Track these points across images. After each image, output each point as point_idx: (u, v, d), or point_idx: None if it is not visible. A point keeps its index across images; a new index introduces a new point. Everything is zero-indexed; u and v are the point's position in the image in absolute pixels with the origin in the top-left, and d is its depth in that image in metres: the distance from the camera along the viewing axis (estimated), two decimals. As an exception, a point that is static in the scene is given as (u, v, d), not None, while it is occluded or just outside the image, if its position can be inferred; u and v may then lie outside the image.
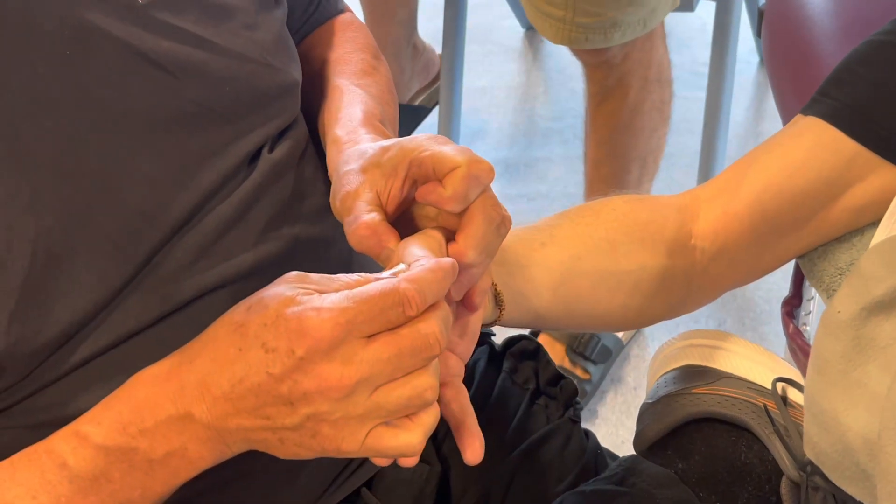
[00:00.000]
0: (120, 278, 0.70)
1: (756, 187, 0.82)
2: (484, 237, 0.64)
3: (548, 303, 0.79)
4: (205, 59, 0.75)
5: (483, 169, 0.63)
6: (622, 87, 1.67)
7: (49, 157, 0.67)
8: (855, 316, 0.72)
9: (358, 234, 0.64)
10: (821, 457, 0.74)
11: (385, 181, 0.66)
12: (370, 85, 0.87)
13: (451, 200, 0.63)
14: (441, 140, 0.65)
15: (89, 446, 0.63)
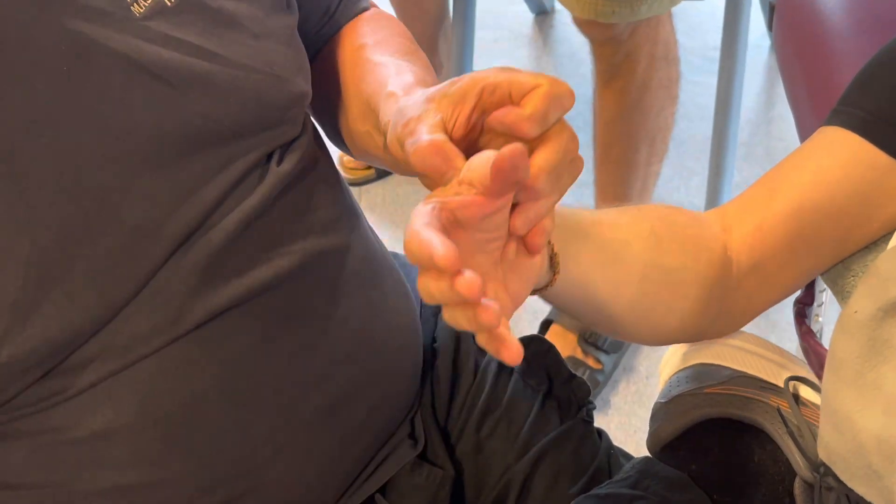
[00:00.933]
0: (120, 296, 0.70)
1: (792, 204, 0.80)
2: (558, 165, 0.59)
3: (599, 281, 0.75)
4: (208, 71, 0.74)
5: (564, 90, 0.58)
6: (630, 63, 1.67)
7: (47, 176, 0.67)
8: (871, 316, 0.72)
9: (421, 151, 0.59)
10: (833, 457, 0.74)
11: (453, 108, 0.61)
12: (414, 62, 0.83)
13: (530, 120, 0.58)
14: (514, 70, 0.61)
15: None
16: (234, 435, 0.75)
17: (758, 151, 2.28)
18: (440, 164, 0.59)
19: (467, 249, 0.58)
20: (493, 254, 0.61)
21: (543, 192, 0.59)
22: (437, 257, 0.50)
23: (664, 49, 1.69)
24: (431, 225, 0.53)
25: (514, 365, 0.54)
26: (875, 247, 0.82)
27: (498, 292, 0.61)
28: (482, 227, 0.58)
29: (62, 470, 0.72)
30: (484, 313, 0.51)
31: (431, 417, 0.91)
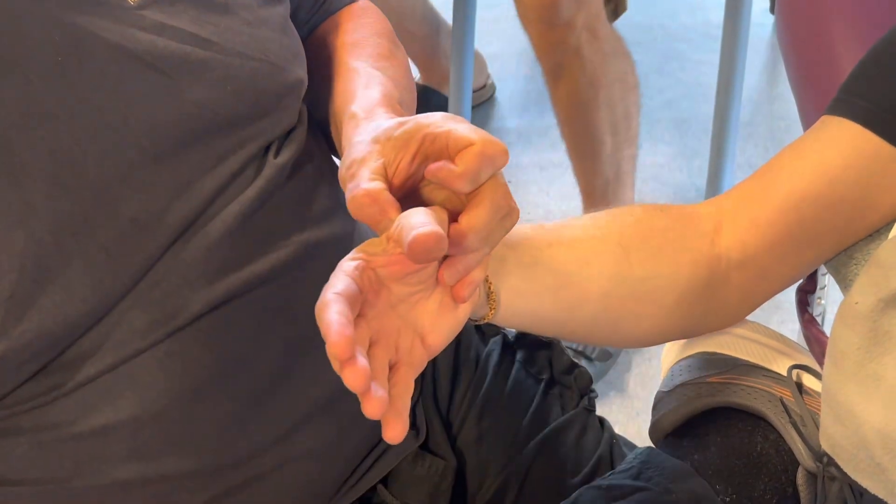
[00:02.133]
0: (115, 288, 0.69)
1: (792, 195, 0.80)
2: (488, 223, 0.61)
3: (549, 306, 0.76)
4: (203, 59, 0.73)
5: (497, 150, 0.60)
6: (578, 60, 1.68)
7: (43, 169, 0.67)
8: (872, 308, 0.71)
9: (357, 200, 0.60)
10: (836, 449, 0.74)
11: (395, 153, 0.62)
12: (388, 69, 0.84)
13: (462, 178, 0.59)
14: (458, 120, 0.63)
15: None
16: (233, 428, 0.75)
17: (760, 131, 2.27)
18: (374, 215, 0.60)
19: (388, 302, 0.61)
20: (416, 304, 0.63)
21: (472, 248, 0.61)
22: (330, 342, 0.53)
23: (612, 45, 1.70)
24: (346, 292, 0.56)
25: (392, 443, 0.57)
26: (878, 235, 0.81)
27: (413, 345, 0.63)
28: (406, 282, 0.61)
29: (62, 466, 0.72)
30: (368, 405, 0.54)
31: (433, 408, 0.91)
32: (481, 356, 0.96)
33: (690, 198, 2.13)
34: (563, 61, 1.67)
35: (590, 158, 1.78)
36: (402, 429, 0.56)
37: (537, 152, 2.29)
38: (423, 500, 0.86)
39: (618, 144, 1.78)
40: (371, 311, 0.59)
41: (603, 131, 1.75)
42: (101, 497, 0.73)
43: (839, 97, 0.82)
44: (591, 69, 1.68)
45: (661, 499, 0.79)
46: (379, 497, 0.86)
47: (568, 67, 1.68)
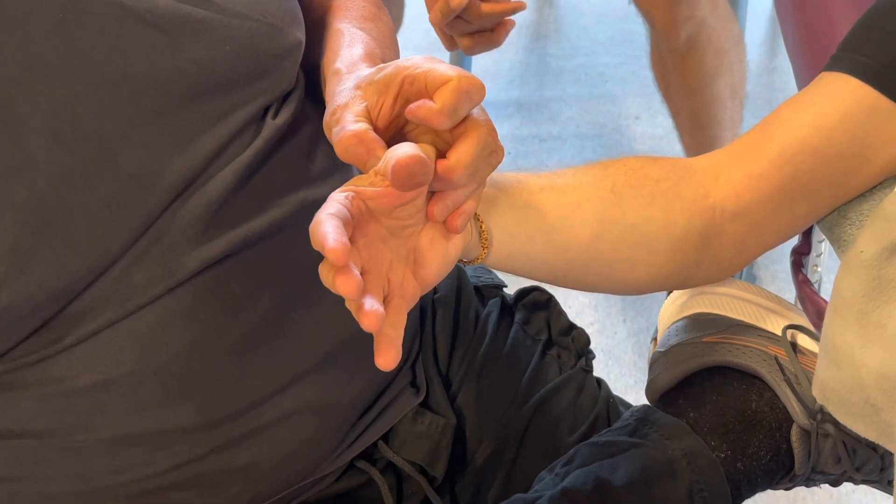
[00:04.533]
0: (117, 244, 0.70)
1: (788, 148, 0.80)
2: (475, 158, 0.62)
3: (541, 248, 0.76)
4: (203, 18, 0.74)
5: (474, 84, 0.60)
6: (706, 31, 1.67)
7: (44, 123, 0.67)
8: (877, 256, 0.72)
9: (344, 141, 0.62)
10: (827, 393, 0.74)
11: (377, 97, 0.64)
12: (371, 29, 0.86)
13: (440, 114, 0.60)
14: (437, 60, 0.63)
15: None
16: (232, 382, 0.76)
17: (759, 103, 2.27)
18: (362, 154, 0.62)
19: (378, 235, 0.62)
20: (407, 239, 0.64)
21: (460, 183, 0.62)
22: (327, 249, 0.53)
23: (724, 8, 1.69)
24: (339, 214, 0.56)
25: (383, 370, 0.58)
26: (871, 194, 0.82)
27: (405, 278, 0.64)
28: (395, 216, 0.62)
29: (65, 419, 0.72)
30: (365, 318, 0.54)
31: (433, 367, 0.92)
32: (480, 317, 0.97)
33: (689, 170, 2.13)
34: (692, 35, 1.65)
35: (711, 126, 1.76)
36: (394, 355, 0.57)
37: (537, 124, 2.29)
38: (423, 456, 0.86)
39: (735, 107, 1.78)
40: (361, 239, 0.60)
41: (726, 96, 1.75)
42: (103, 449, 0.74)
43: (837, 54, 0.82)
44: (716, 37, 1.67)
45: (656, 455, 0.80)
46: (380, 453, 0.87)
47: (696, 41, 1.66)
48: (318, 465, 0.83)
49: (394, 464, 0.87)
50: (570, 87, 2.39)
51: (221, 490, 0.79)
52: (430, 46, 2.58)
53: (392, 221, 0.62)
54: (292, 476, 0.82)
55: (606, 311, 1.90)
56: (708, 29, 1.65)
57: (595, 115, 2.33)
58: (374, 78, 0.65)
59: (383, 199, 0.60)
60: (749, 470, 0.82)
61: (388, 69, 0.64)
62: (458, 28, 1.14)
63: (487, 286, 1.00)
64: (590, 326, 1.84)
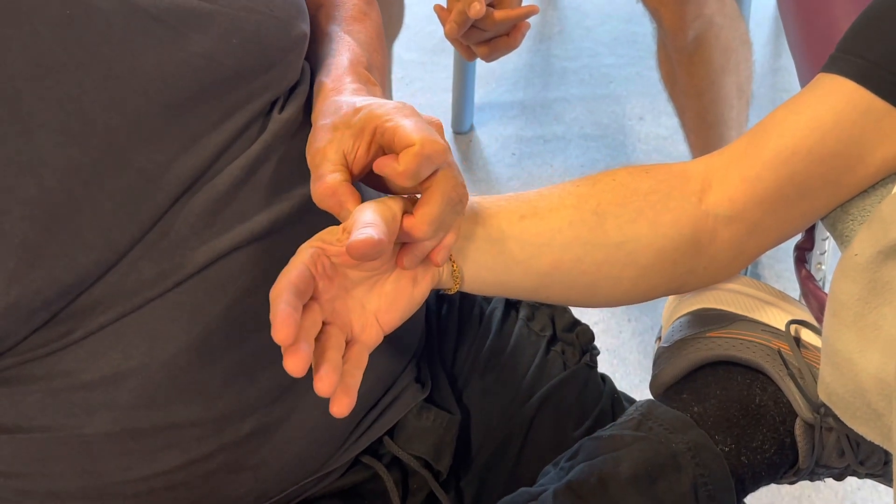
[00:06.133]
0: (125, 239, 0.71)
1: (783, 150, 0.80)
2: (439, 215, 0.67)
3: (519, 276, 0.78)
4: (209, 11, 0.74)
5: (436, 150, 0.65)
6: (713, 29, 1.67)
7: (52, 118, 0.68)
8: (872, 259, 0.72)
9: (319, 192, 0.68)
10: (832, 397, 0.75)
11: (352, 142, 0.69)
12: (359, 31, 0.87)
13: (402, 176, 0.65)
14: (407, 112, 0.68)
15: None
16: (241, 377, 0.76)
17: (762, 103, 2.28)
18: (334, 206, 0.68)
19: (343, 287, 0.69)
20: (372, 287, 0.70)
21: (425, 238, 0.68)
22: (274, 331, 0.59)
23: (731, 8, 1.69)
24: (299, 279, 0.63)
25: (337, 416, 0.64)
26: (873, 191, 0.82)
27: (367, 327, 0.70)
28: (361, 268, 0.68)
29: (73, 413, 0.73)
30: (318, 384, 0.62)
31: (438, 362, 0.93)
32: (485, 313, 0.97)
33: (693, 170, 2.13)
34: (699, 34, 1.66)
35: (717, 125, 1.77)
36: (348, 403, 0.63)
37: (541, 125, 2.30)
38: (428, 451, 0.87)
39: (742, 106, 1.78)
40: (325, 294, 0.66)
41: (732, 95, 1.75)
42: (112, 444, 0.74)
43: (834, 55, 0.82)
44: (723, 36, 1.67)
45: (660, 449, 0.80)
46: (385, 448, 0.87)
47: (703, 40, 1.67)
48: (324, 461, 0.84)
49: (399, 459, 0.87)
50: (575, 88, 2.39)
51: (230, 489, 0.79)
52: (435, 48, 2.59)
53: (358, 273, 0.68)
54: (300, 473, 0.83)
55: (611, 310, 1.90)
56: (715, 28, 1.66)
57: (599, 115, 2.33)
58: (350, 121, 0.70)
59: (346, 258, 0.66)
60: (753, 464, 0.83)
61: (363, 114, 0.70)
62: (473, 37, 1.15)
63: None
64: (594, 326, 1.84)
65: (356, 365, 0.67)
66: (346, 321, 0.68)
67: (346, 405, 0.62)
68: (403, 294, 0.71)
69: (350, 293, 0.69)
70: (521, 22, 1.14)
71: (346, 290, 0.69)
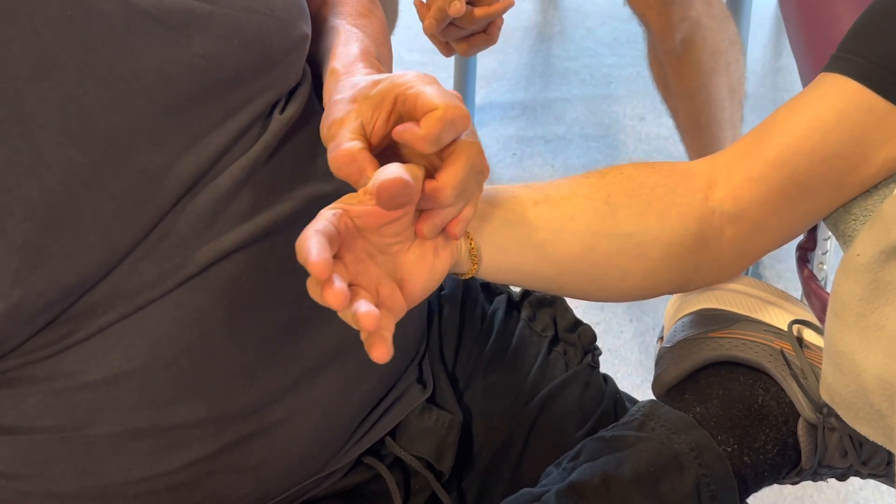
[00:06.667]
0: (126, 240, 0.71)
1: (786, 150, 0.80)
2: (462, 180, 0.65)
3: (534, 261, 0.78)
4: (210, 12, 0.74)
5: (459, 114, 0.63)
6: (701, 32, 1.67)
7: (53, 119, 0.67)
8: (874, 259, 0.72)
9: (338, 160, 0.65)
10: (835, 398, 0.75)
11: (371, 112, 0.67)
12: (366, 26, 0.87)
13: (424, 140, 0.63)
14: (429, 80, 0.66)
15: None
16: (243, 378, 0.76)
17: (763, 102, 2.28)
18: (353, 173, 0.65)
19: (366, 251, 0.65)
20: (394, 255, 0.67)
21: (447, 203, 0.65)
22: (309, 263, 0.56)
23: (718, 9, 1.69)
24: (324, 230, 0.59)
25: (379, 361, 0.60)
26: (875, 190, 0.82)
27: (393, 293, 0.66)
28: (382, 233, 0.65)
29: (74, 414, 0.73)
30: (363, 319, 0.57)
31: (439, 363, 0.92)
32: (486, 314, 0.97)
33: (694, 170, 2.14)
34: (686, 36, 1.66)
35: (710, 126, 1.78)
36: (388, 349, 0.59)
37: (542, 125, 2.30)
38: (430, 452, 0.87)
39: (734, 107, 1.79)
40: (348, 255, 0.63)
41: (724, 96, 1.76)
42: (113, 445, 0.74)
43: (836, 55, 0.82)
44: (711, 37, 1.68)
45: (663, 449, 0.80)
46: (387, 449, 0.87)
47: (691, 42, 1.67)
48: (326, 462, 0.84)
49: (401, 459, 0.87)
50: (575, 88, 2.39)
51: (232, 489, 0.79)
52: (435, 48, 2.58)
53: (379, 238, 0.65)
54: (301, 474, 0.82)
55: (612, 310, 1.90)
56: (702, 29, 1.66)
57: (600, 115, 2.33)
58: (369, 92, 0.67)
59: (370, 217, 0.63)
60: (756, 464, 0.83)
61: (382, 85, 0.67)
62: (452, 34, 1.15)
63: (494, 284, 1.01)
64: (596, 326, 1.83)
65: (387, 326, 0.63)
66: (372, 286, 0.65)
67: (386, 350, 0.59)
68: (424, 265, 0.69)
69: (373, 260, 0.66)
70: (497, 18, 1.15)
71: (368, 256, 0.65)
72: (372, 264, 0.65)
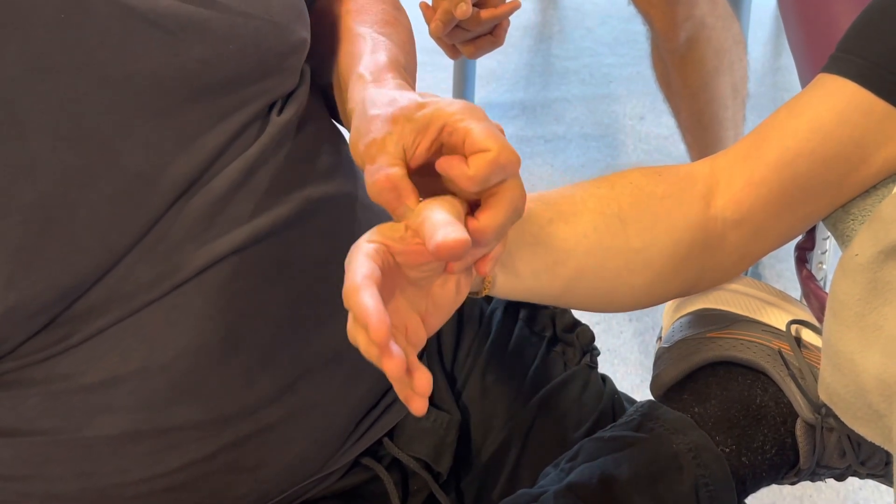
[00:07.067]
0: (122, 242, 0.70)
1: (786, 152, 0.80)
2: (505, 223, 0.63)
3: (546, 283, 0.77)
4: (207, 17, 0.74)
5: (511, 159, 0.61)
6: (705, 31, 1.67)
7: (47, 122, 0.67)
8: (872, 259, 0.72)
9: (378, 185, 0.62)
10: (833, 398, 0.75)
11: (414, 137, 0.63)
12: (392, 34, 0.85)
13: (472, 181, 0.61)
14: (479, 114, 0.63)
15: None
16: (240, 380, 0.76)
17: (764, 102, 2.28)
18: (392, 200, 0.62)
19: (399, 283, 0.63)
20: (421, 288, 0.65)
21: (487, 244, 0.64)
22: (371, 329, 0.54)
23: (723, 8, 1.69)
24: (373, 276, 0.57)
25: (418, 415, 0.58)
26: (875, 191, 0.82)
27: (418, 328, 0.64)
28: (420, 269, 0.62)
29: (72, 416, 0.73)
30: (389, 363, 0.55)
31: (438, 363, 0.92)
32: (485, 314, 0.97)
33: (694, 170, 2.14)
34: (691, 35, 1.65)
35: (713, 126, 1.77)
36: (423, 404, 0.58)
37: (542, 125, 2.30)
38: (429, 453, 0.87)
39: (737, 106, 1.79)
40: (384, 291, 0.60)
41: (727, 95, 1.75)
42: (111, 446, 0.74)
43: (835, 55, 0.82)
44: (715, 36, 1.67)
45: (661, 450, 0.80)
46: (385, 449, 0.87)
47: (695, 41, 1.66)
48: (324, 462, 0.84)
49: (399, 460, 0.87)
50: (575, 88, 2.39)
51: (230, 490, 0.79)
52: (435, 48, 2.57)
53: (415, 273, 0.63)
54: (300, 475, 0.83)
55: (612, 310, 1.89)
56: (707, 29, 1.66)
57: (600, 115, 2.33)
58: (412, 115, 0.64)
59: (413, 257, 0.61)
60: (754, 464, 0.83)
61: (429, 110, 0.63)
62: (458, 37, 1.15)
63: None
64: (595, 326, 1.83)
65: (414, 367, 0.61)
66: (402, 323, 0.64)
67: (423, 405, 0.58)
68: (448, 297, 0.67)
69: (403, 293, 0.64)
70: (503, 20, 1.15)
71: (400, 290, 0.64)
72: (402, 298, 0.64)
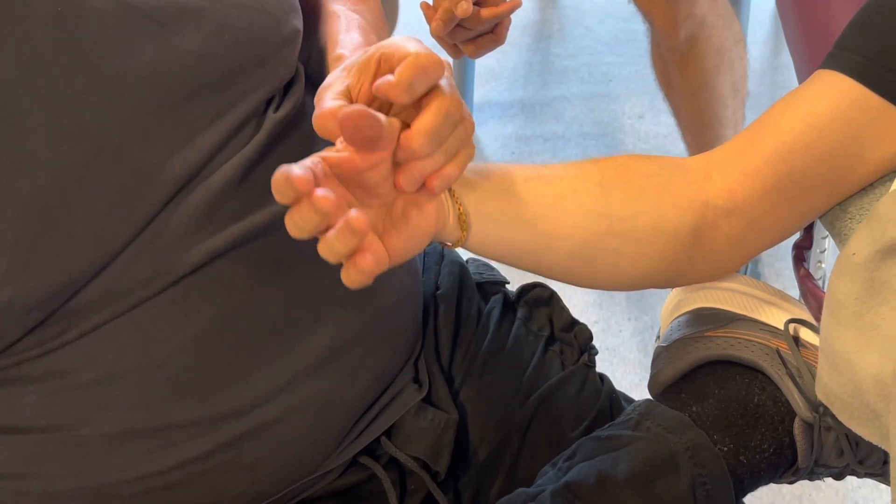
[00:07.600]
0: (119, 238, 0.70)
1: (782, 146, 0.80)
2: (436, 127, 0.64)
3: (524, 236, 0.77)
4: (201, 9, 0.74)
5: (431, 61, 0.62)
6: (706, 30, 1.67)
7: (45, 118, 0.67)
8: (870, 258, 0.72)
9: (319, 119, 0.65)
10: (831, 398, 0.75)
11: (358, 76, 0.67)
12: (364, 11, 0.88)
13: (397, 88, 0.61)
14: (414, 40, 0.65)
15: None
16: (237, 378, 0.76)
17: (762, 101, 2.27)
18: (334, 129, 0.64)
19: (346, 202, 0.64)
20: (377, 210, 0.66)
21: (422, 151, 0.64)
22: (292, 177, 0.57)
23: (723, 7, 1.69)
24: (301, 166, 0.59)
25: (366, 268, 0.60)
26: (872, 189, 0.82)
27: (374, 241, 0.66)
28: (362, 184, 0.64)
29: (69, 414, 0.73)
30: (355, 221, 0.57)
31: (435, 363, 0.92)
32: (482, 313, 0.97)
33: (693, 168, 2.14)
34: (691, 34, 1.65)
35: (712, 125, 1.77)
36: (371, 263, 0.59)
37: (541, 124, 2.30)
38: (426, 452, 0.87)
39: (737, 105, 1.79)
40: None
41: (727, 94, 1.75)
42: (108, 444, 0.74)
43: (832, 52, 0.82)
44: (716, 35, 1.67)
45: (659, 449, 0.80)
46: (383, 448, 0.87)
47: (695, 39, 1.67)
48: (321, 461, 0.84)
49: (397, 459, 0.87)
50: (574, 87, 2.39)
51: (227, 489, 0.79)
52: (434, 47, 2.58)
53: (359, 190, 0.64)
54: (296, 473, 0.82)
55: (611, 309, 1.90)
56: (707, 27, 1.66)
57: (599, 114, 2.33)
58: (359, 60, 0.67)
59: (345, 164, 0.62)
60: (752, 463, 0.82)
61: (370, 49, 0.67)
62: (459, 36, 1.15)
63: (489, 283, 1.01)
64: (594, 325, 1.84)
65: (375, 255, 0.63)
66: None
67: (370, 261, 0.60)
68: (407, 220, 0.68)
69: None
70: (504, 18, 1.15)
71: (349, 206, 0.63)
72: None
